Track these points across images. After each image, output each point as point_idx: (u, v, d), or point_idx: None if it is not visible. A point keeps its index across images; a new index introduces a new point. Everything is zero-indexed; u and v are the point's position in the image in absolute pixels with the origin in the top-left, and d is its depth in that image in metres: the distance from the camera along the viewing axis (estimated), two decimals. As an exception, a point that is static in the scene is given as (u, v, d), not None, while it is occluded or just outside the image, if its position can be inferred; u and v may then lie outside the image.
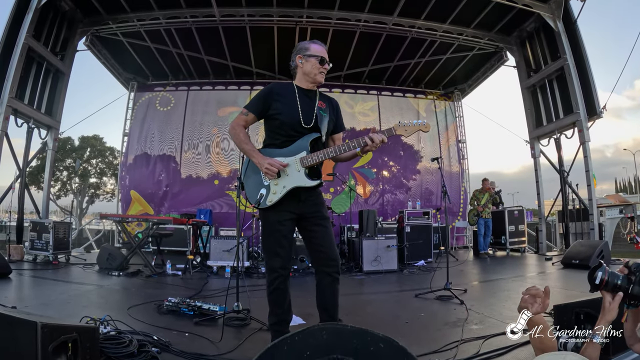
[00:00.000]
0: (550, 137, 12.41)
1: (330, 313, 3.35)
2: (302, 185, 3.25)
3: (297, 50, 3.43)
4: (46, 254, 9.03)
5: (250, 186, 3.36)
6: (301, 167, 3.24)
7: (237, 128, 3.32)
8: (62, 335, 2.41)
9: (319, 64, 3.37)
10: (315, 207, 3.39)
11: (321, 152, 3.25)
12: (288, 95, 3.35)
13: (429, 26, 12.24)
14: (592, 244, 9.05)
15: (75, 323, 2.87)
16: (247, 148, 3.30)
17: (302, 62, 3.38)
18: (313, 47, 3.40)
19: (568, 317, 3.20)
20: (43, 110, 10.95)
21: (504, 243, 12.10)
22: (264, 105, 3.33)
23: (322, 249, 3.33)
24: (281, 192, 3.22)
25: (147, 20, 11.71)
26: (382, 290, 6.87)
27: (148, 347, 3.15)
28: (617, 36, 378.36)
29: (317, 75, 3.39)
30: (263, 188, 3.27)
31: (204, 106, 15.19)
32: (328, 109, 3.48)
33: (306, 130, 3.31)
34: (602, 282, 1.99)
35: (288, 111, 3.29)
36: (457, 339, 3.59)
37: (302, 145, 3.28)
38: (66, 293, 5.91)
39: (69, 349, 2.45)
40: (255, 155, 3.25)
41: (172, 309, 4.64)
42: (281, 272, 3.25)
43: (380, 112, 15.66)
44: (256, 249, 9.85)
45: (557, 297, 5.47)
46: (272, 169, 3.16)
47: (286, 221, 3.29)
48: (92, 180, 36.15)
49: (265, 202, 3.24)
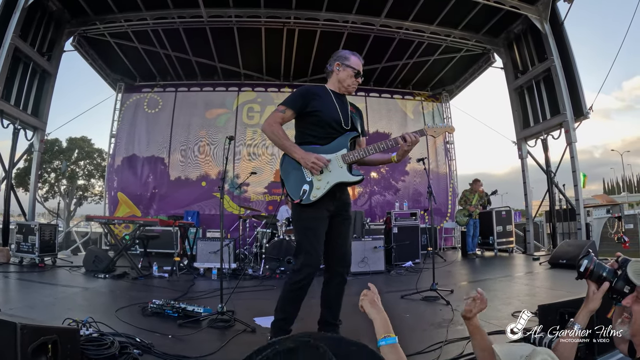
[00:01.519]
0: (537, 138, 12.48)
1: (333, 312, 3.45)
2: (346, 180, 3.32)
3: (337, 57, 3.54)
4: (32, 256, 8.91)
5: (291, 182, 3.34)
6: (343, 163, 3.31)
7: (274, 125, 3.33)
8: (42, 336, 2.39)
9: (354, 76, 3.48)
10: (346, 207, 3.50)
11: (362, 149, 3.34)
12: (325, 96, 3.45)
13: (416, 27, 12.26)
14: (579, 244, 9.12)
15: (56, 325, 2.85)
16: (288, 144, 3.31)
17: (339, 69, 3.49)
18: (353, 59, 3.51)
19: (552, 317, 3.20)
20: (29, 111, 10.84)
21: (492, 243, 12.14)
22: (303, 102, 3.37)
23: (342, 249, 3.44)
24: (325, 187, 3.26)
25: (134, 20, 11.61)
26: (369, 291, 6.85)
27: (130, 349, 3.14)
28: (605, 38, 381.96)
29: (350, 87, 3.52)
30: (305, 184, 3.28)
31: (192, 108, 15.08)
32: (357, 114, 3.61)
33: (344, 130, 3.41)
34: (587, 271, 2.06)
35: (327, 110, 3.38)
36: (442, 340, 3.59)
37: (343, 143, 3.37)
38: (52, 296, 5.86)
39: (48, 351, 2.44)
40: (298, 151, 3.27)
41: (156, 311, 4.60)
42: (313, 271, 3.24)
43: (369, 114, 15.62)
44: (243, 251, 9.83)
45: (544, 297, 5.51)
46: (319, 163, 3.20)
47: (324, 219, 3.35)
48: (80, 182, 35.75)
49: (309, 198, 3.25)
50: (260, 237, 9.72)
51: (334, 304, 3.47)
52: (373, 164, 3.70)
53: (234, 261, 8.58)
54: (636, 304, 1.89)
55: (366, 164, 3.61)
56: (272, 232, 9.64)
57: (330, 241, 3.40)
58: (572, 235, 11.12)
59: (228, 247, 8.40)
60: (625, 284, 1.95)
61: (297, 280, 3.23)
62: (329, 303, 3.47)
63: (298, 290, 3.26)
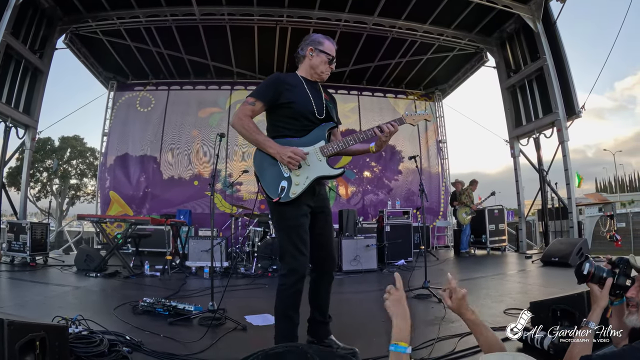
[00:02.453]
0: (530, 136, 12.54)
1: (323, 311, 3.36)
2: (327, 174, 3.16)
3: (310, 42, 3.34)
4: (24, 255, 8.86)
5: (267, 179, 3.10)
6: (322, 156, 3.14)
7: (244, 119, 3.08)
8: (30, 333, 2.36)
9: (328, 63, 3.32)
10: (325, 202, 3.38)
11: (340, 141, 3.18)
12: (297, 85, 3.26)
13: (409, 26, 12.28)
14: (571, 242, 9.16)
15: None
16: (261, 139, 3.09)
17: (312, 54, 3.31)
18: (327, 43, 3.34)
19: (545, 313, 3.21)
20: (21, 109, 10.77)
21: (485, 242, 12.18)
22: (275, 93, 3.15)
23: (326, 249, 3.32)
24: (305, 183, 3.07)
25: (127, 18, 11.57)
26: (360, 289, 6.89)
27: (119, 346, 3.12)
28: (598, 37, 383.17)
29: (324, 73, 3.35)
30: (283, 180, 3.06)
31: (184, 107, 15.05)
32: (332, 102, 3.45)
33: (319, 120, 3.25)
34: (590, 274, 2.18)
35: (301, 100, 3.19)
36: (434, 337, 3.58)
37: (320, 135, 3.20)
38: (42, 294, 5.87)
39: (36, 348, 2.41)
40: (273, 146, 3.05)
41: (147, 309, 4.60)
42: (301, 275, 3.05)
43: (361, 114, 15.68)
44: (236, 250, 9.81)
45: (536, 294, 5.52)
46: (297, 157, 3.01)
47: (306, 216, 3.16)
48: (72, 181, 35.59)
49: (289, 195, 3.03)
50: (252, 235, 9.70)
51: (322, 302, 3.37)
52: (351, 154, 3.55)
53: (225, 260, 8.56)
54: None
55: (344, 154, 3.44)
56: (264, 230, 9.62)
57: (314, 239, 3.23)
58: (564, 233, 11.16)
59: (220, 245, 8.39)
60: (626, 278, 2.13)
61: (288, 286, 3.05)
62: (317, 301, 3.36)
63: (294, 295, 3.08)
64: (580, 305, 2.93)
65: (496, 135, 14.04)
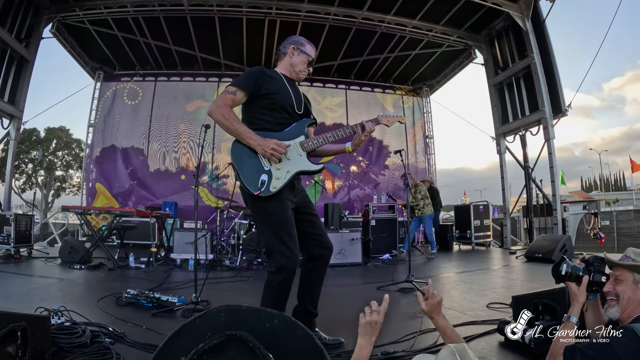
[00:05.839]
0: (516, 133, 12.64)
1: (314, 299, 3.35)
2: (307, 169, 3.14)
3: (293, 41, 3.42)
4: (7, 247, 8.78)
5: (247, 172, 3.00)
6: (302, 150, 3.12)
7: (224, 108, 2.97)
8: (11, 323, 2.36)
9: (306, 64, 3.39)
10: (306, 199, 3.36)
11: (321, 136, 3.18)
12: (278, 79, 3.28)
13: (398, 21, 12.31)
14: (554, 238, 9.25)
15: (27, 312, 2.82)
16: (242, 129, 2.98)
17: (294, 52, 3.37)
18: (309, 46, 3.43)
19: (527, 307, 3.24)
20: (6, 99, 10.64)
21: (470, 237, 12.27)
22: (256, 83, 3.10)
23: (320, 238, 3.28)
24: (285, 177, 3.01)
25: (114, 7, 11.45)
26: (345, 283, 6.94)
27: (101, 337, 3.11)
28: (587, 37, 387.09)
29: (301, 73, 3.40)
30: (264, 174, 2.97)
31: (172, 100, 14.98)
32: (308, 102, 3.49)
33: (298, 115, 3.27)
34: (567, 274, 2.38)
35: (282, 93, 3.19)
36: (416, 330, 3.59)
37: (300, 129, 3.21)
38: (26, 286, 5.82)
39: (18, 338, 2.40)
40: (254, 137, 2.96)
41: (130, 301, 4.59)
42: (292, 271, 2.97)
43: (348, 108, 15.72)
44: (221, 242, 9.79)
45: (519, 289, 5.57)
46: (280, 150, 2.95)
47: (290, 210, 3.08)
48: (58, 173, 35.24)
49: (269, 189, 2.95)
50: (237, 228, 9.69)
51: (315, 289, 3.31)
52: (327, 155, 3.52)
53: (210, 252, 8.56)
54: (617, 286, 2.25)
55: (319, 154, 3.41)
56: (250, 223, 9.62)
57: (303, 234, 3.18)
58: (549, 230, 11.28)
59: (205, 238, 8.38)
60: (601, 275, 2.36)
61: (277, 282, 2.98)
62: (310, 289, 3.29)
63: (284, 291, 3.03)
64: (561, 299, 2.97)
65: (483, 131, 14.09)
